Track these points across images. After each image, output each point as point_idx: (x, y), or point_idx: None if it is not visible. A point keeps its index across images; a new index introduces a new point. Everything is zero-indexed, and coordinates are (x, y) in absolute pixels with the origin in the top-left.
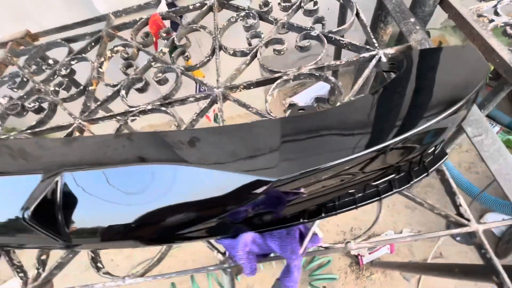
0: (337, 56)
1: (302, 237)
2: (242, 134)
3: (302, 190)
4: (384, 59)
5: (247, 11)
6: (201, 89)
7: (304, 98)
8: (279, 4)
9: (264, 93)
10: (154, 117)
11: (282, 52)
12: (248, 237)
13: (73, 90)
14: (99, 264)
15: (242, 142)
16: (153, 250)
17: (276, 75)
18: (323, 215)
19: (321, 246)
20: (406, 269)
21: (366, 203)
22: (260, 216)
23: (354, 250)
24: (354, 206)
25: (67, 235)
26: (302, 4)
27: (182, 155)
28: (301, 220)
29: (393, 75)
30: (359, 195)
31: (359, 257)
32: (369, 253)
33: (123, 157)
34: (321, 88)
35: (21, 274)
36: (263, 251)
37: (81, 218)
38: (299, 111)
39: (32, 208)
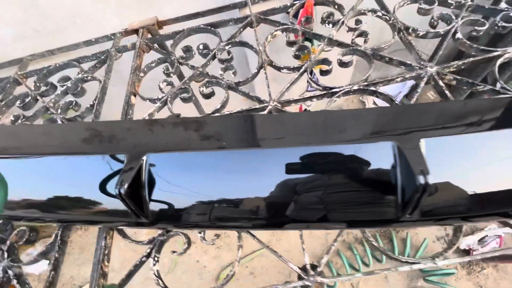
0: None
1: None
2: None
3: None
4: None
5: None
6: (310, 88)
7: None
8: None
9: None
10: None
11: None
12: None
13: (247, 75)
14: None
15: None
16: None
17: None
18: None
19: None
20: None
21: None
22: None
23: (463, 245)
24: None
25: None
26: None
27: None
28: None
29: None
30: None
31: (471, 251)
32: (481, 247)
33: None
34: (403, 85)
35: None
36: None
37: None
38: None
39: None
